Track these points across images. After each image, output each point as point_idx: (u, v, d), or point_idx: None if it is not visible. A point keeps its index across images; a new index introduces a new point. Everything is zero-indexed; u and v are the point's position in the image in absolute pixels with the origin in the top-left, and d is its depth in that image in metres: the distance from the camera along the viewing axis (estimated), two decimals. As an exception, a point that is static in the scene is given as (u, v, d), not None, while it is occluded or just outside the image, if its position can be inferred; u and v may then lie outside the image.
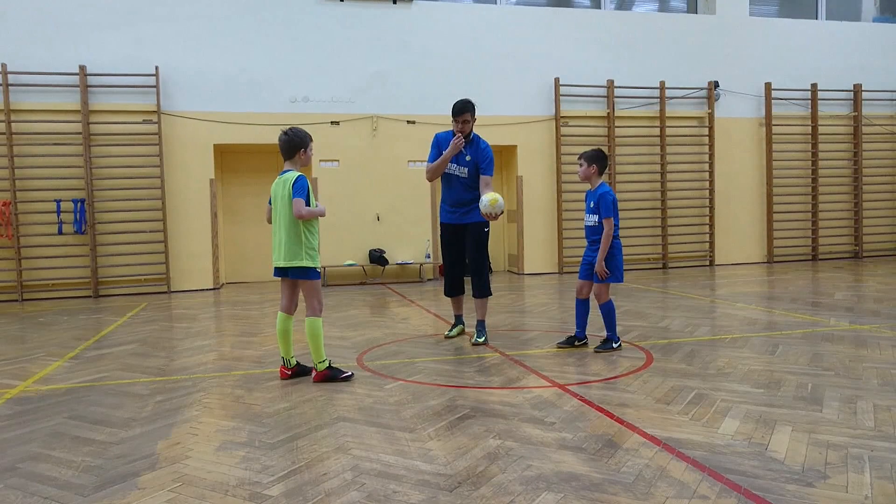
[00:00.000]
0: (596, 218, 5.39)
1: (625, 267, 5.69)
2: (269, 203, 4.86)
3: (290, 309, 4.81)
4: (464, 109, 5.82)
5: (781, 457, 3.07)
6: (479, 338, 5.92)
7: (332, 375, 4.69)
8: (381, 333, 6.61)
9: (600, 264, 5.35)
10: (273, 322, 7.52)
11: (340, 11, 11.51)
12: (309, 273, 4.66)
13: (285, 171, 4.75)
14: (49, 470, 3.17)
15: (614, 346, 5.46)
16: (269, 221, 4.89)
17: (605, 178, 5.60)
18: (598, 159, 5.46)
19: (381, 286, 11.04)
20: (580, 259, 5.72)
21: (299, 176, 4.65)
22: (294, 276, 4.70)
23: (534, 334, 6.37)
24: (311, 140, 4.86)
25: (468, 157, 5.91)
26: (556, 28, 12.43)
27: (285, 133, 4.76)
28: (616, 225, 5.39)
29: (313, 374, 4.75)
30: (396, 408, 4.03)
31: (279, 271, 4.77)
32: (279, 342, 4.79)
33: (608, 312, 5.46)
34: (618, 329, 5.65)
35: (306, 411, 4.00)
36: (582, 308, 5.63)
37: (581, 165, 5.50)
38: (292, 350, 4.84)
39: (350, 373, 4.80)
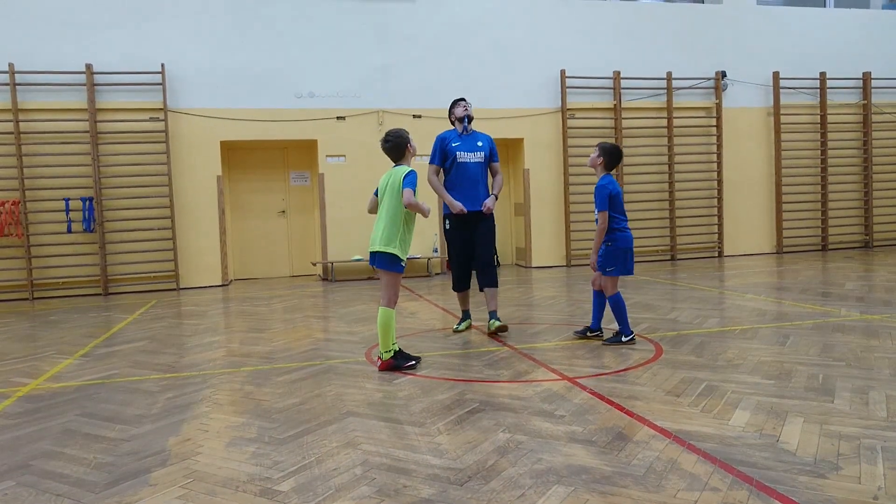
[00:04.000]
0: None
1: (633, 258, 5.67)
2: (375, 194, 5.02)
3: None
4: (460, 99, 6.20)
5: (793, 448, 3.05)
6: (497, 323, 5.93)
7: (397, 364, 4.82)
8: (389, 328, 6.61)
9: (593, 256, 5.40)
10: (282, 317, 7.55)
11: (345, 5, 11.48)
12: (394, 264, 4.79)
13: (397, 166, 4.93)
14: (61, 467, 3.19)
15: (623, 339, 5.42)
16: (371, 212, 5.08)
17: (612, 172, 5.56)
18: (607, 153, 5.44)
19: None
20: (588, 251, 5.71)
21: (412, 170, 4.83)
22: (381, 264, 4.82)
23: (542, 327, 6.35)
24: (409, 132, 5.03)
25: (479, 143, 5.98)
26: (562, 19, 12.36)
27: (385, 140, 4.94)
28: (622, 217, 5.38)
29: (378, 363, 4.88)
30: (405, 402, 4.03)
31: (372, 257, 4.88)
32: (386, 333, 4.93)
33: (615, 305, 5.43)
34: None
35: (315, 406, 4.01)
36: (597, 299, 5.63)
37: (594, 152, 5.51)
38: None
39: (414, 361, 4.91)
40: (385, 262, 4.79)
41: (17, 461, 3.29)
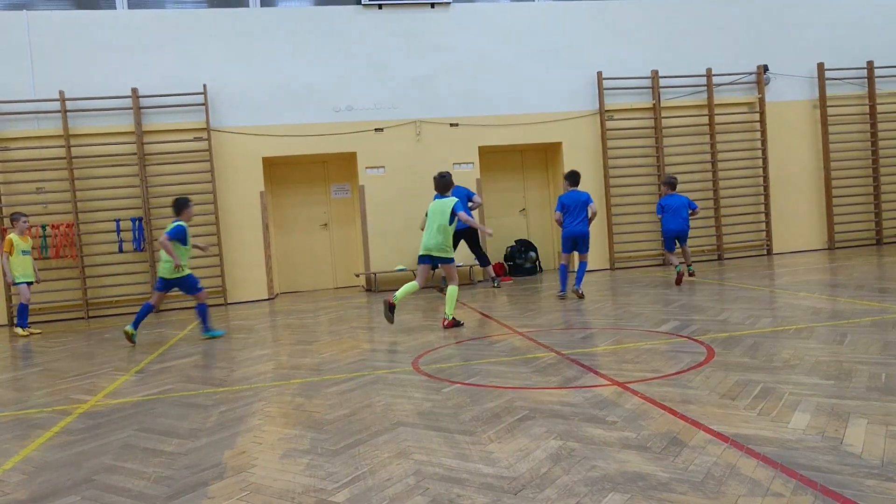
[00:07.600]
0: None
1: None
2: (426, 216, 7.28)
3: (423, 284, 7.28)
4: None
5: (858, 451, 2.95)
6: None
7: (457, 323, 7.06)
8: (434, 337, 6.62)
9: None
10: (328, 329, 7.64)
11: (380, 18, 11.61)
12: (450, 259, 7.18)
13: (444, 197, 7.21)
14: (122, 481, 3.27)
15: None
16: (422, 228, 7.56)
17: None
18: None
19: (432, 290, 11.06)
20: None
21: (458, 200, 7.11)
22: (441, 263, 7.13)
23: (589, 332, 6.29)
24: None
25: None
26: (597, 21, 12.28)
27: (442, 176, 7.29)
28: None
29: (444, 322, 7.02)
30: (455, 411, 4.02)
31: (427, 259, 7.16)
32: (405, 291, 7.13)
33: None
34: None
35: (365, 417, 4.03)
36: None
37: None
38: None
39: (462, 324, 7.13)
40: (444, 261, 7.12)
41: (81, 476, 3.38)
